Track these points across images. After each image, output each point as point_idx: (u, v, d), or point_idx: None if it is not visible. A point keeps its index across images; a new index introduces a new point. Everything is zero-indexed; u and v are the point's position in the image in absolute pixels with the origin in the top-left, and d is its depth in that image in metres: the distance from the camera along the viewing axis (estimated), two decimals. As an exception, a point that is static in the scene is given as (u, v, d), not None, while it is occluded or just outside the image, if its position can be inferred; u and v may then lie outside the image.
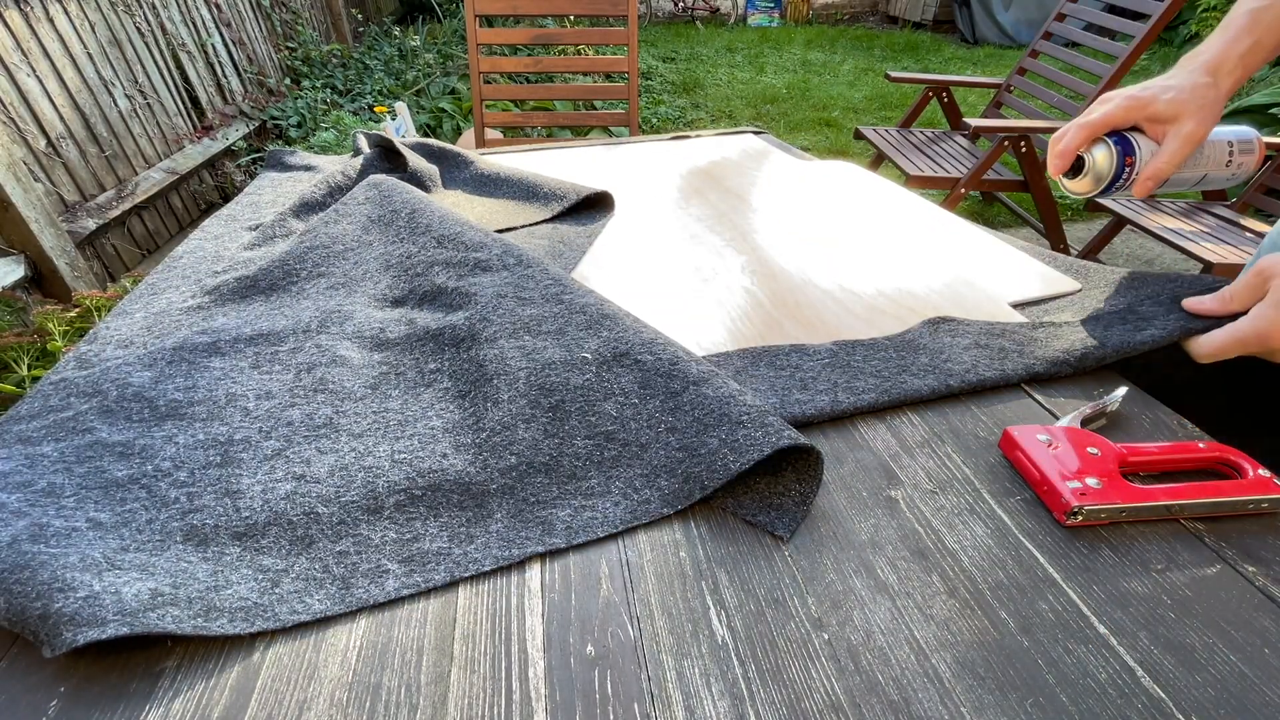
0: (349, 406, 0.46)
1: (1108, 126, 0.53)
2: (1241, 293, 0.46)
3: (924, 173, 2.09)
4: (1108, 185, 0.53)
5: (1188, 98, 0.51)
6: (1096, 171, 0.53)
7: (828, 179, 0.89)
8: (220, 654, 0.32)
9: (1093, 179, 0.54)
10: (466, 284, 0.57)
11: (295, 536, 0.37)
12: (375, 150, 0.85)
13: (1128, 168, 0.52)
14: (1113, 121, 0.53)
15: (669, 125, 3.64)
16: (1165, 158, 0.51)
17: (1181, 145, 0.51)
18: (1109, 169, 0.53)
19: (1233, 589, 0.35)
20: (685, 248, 0.71)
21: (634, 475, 0.41)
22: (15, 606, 0.30)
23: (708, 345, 0.54)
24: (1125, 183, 0.53)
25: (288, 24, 3.42)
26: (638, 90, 1.71)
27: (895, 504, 0.40)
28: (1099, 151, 0.53)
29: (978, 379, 0.49)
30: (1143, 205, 1.89)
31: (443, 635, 0.33)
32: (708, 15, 6.08)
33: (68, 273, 1.91)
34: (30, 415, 0.44)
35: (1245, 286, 0.46)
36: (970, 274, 0.64)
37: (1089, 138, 0.53)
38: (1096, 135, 0.53)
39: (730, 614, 0.34)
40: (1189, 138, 0.51)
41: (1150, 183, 0.53)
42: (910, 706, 0.30)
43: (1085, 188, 0.55)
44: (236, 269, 0.63)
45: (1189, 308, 0.49)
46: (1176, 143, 0.51)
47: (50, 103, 1.98)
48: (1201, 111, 0.51)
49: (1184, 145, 0.51)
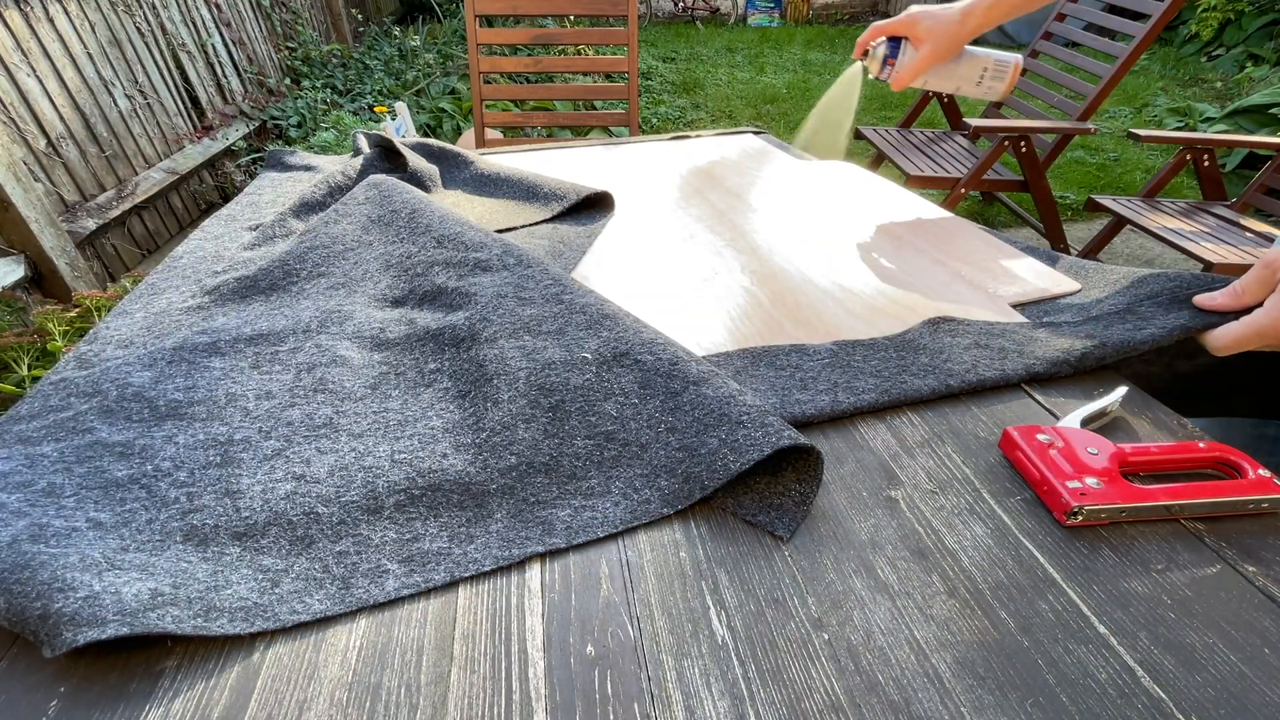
0: (349, 406, 0.46)
1: (889, 31, 0.73)
2: (1253, 286, 0.47)
3: (924, 173, 2.09)
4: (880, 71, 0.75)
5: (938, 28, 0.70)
6: (876, 60, 0.75)
7: (828, 179, 0.89)
8: (220, 654, 0.32)
9: (875, 65, 0.75)
10: (466, 284, 0.57)
11: (295, 536, 0.37)
12: (375, 150, 0.85)
13: (889, 66, 0.74)
14: (890, 29, 0.73)
15: (669, 125, 3.64)
16: (909, 66, 0.73)
17: (919, 62, 0.72)
18: (880, 61, 0.75)
19: (1233, 589, 0.35)
20: (685, 248, 0.71)
21: (634, 475, 0.41)
22: (15, 606, 0.30)
23: (708, 345, 0.54)
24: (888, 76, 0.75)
25: (288, 24, 3.42)
26: (638, 90, 1.71)
27: (895, 504, 0.40)
28: (880, 48, 0.74)
29: (978, 379, 0.49)
30: (1143, 205, 1.89)
31: (443, 635, 0.33)
32: (708, 15, 6.08)
33: (68, 273, 1.91)
34: (30, 415, 0.44)
35: (1256, 280, 0.47)
36: (970, 274, 0.64)
37: (873, 36, 0.75)
38: (881, 35, 0.74)
39: (730, 614, 0.34)
40: (925, 58, 0.71)
41: (900, 81, 0.74)
42: (910, 706, 0.30)
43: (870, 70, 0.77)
44: (236, 269, 0.63)
45: (1200, 304, 0.50)
46: (918, 58, 0.72)
47: (50, 103, 1.98)
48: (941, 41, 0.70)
49: (921, 63, 0.72)
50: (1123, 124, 3.55)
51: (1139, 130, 1.88)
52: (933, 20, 0.69)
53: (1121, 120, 3.61)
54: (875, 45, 0.74)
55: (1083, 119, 2.08)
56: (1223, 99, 3.65)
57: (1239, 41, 4.16)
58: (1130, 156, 3.18)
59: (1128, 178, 2.98)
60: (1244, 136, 2.14)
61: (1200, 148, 1.89)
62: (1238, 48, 4.14)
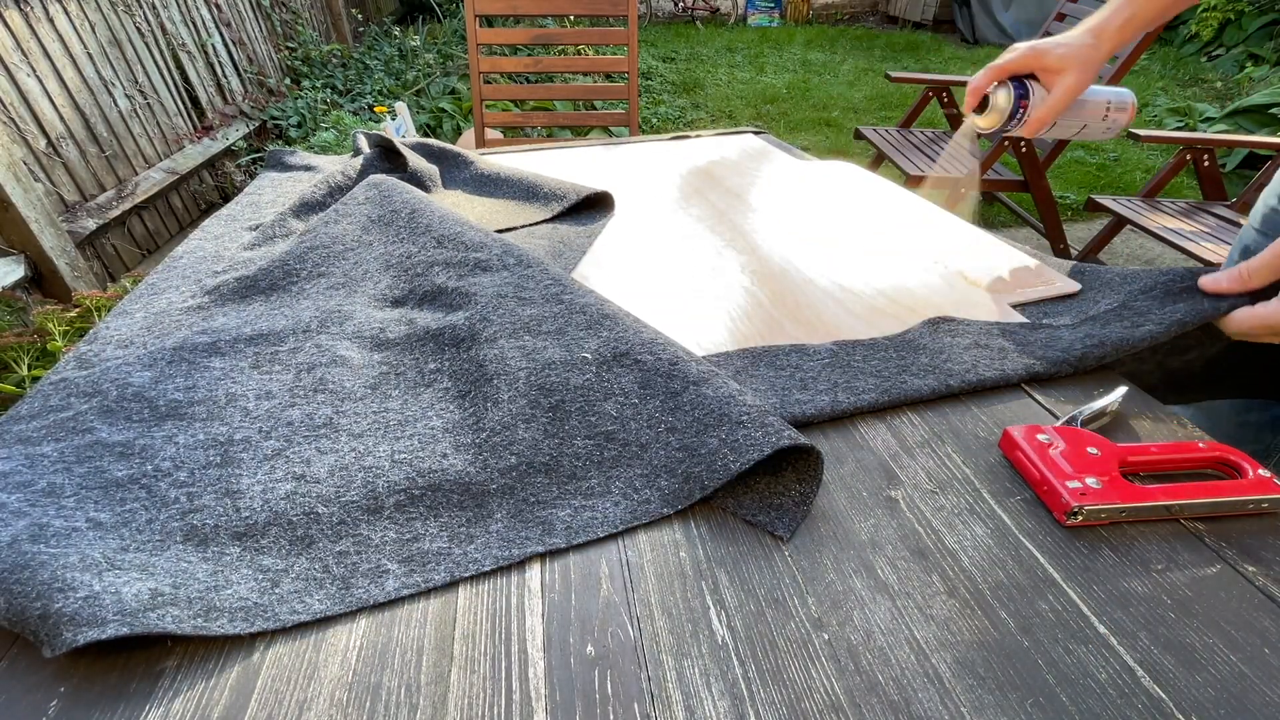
0: (349, 406, 0.46)
1: (1010, 72, 0.62)
2: (1261, 270, 0.47)
3: (924, 173, 2.09)
4: (1006, 122, 0.62)
5: (1074, 54, 0.60)
6: (999, 109, 0.62)
7: (828, 179, 0.89)
8: (220, 654, 0.32)
9: (995, 115, 0.63)
10: (466, 284, 0.57)
11: (295, 536, 0.37)
12: (375, 150, 0.85)
13: (1021, 109, 0.61)
14: (1014, 68, 0.62)
15: (669, 125, 3.64)
16: (1050, 104, 0.61)
17: (1064, 95, 0.60)
18: (1007, 108, 0.61)
19: (1233, 589, 0.35)
20: (685, 248, 0.71)
21: (634, 475, 0.41)
22: (15, 606, 0.30)
23: (708, 345, 0.54)
24: (1019, 122, 0.62)
25: (288, 24, 3.42)
26: (638, 90, 1.71)
27: (895, 504, 0.40)
28: (1001, 92, 0.62)
29: (978, 379, 0.49)
30: (1143, 205, 1.89)
31: (443, 635, 0.33)
32: (708, 15, 6.08)
33: (68, 273, 1.91)
34: (30, 415, 0.44)
35: (1265, 265, 0.46)
36: (970, 274, 0.64)
37: (994, 79, 0.62)
38: (1001, 78, 0.62)
39: (730, 614, 0.34)
40: (1070, 89, 0.60)
41: (1037, 125, 0.62)
42: (910, 706, 0.30)
43: (990, 123, 0.63)
44: (236, 269, 0.63)
45: (1205, 286, 0.50)
46: (1060, 92, 0.60)
47: (50, 103, 1.98)
48: (1082, 67, 0.60)
49: (1066, 95, 0.60)
50: (1123, 124, 3.55)
51: (1139, 130, 1.88)
52: (1065, 49, 0.61)
53: (1121, 120, 3.61)
54: (997, 91, 0.62)
55: (1083, 119, 2.07)
56: (1223, 99, 3.65)
57: (1239, 41, 4.16)
58: (1130, 156, 3.18)
59: (1128, 178, 2.98)
60: (1244, 136, 2.14)
61: (1200, 148, 1.89)
62: (1238, 48, 4.14)
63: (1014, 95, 0.61)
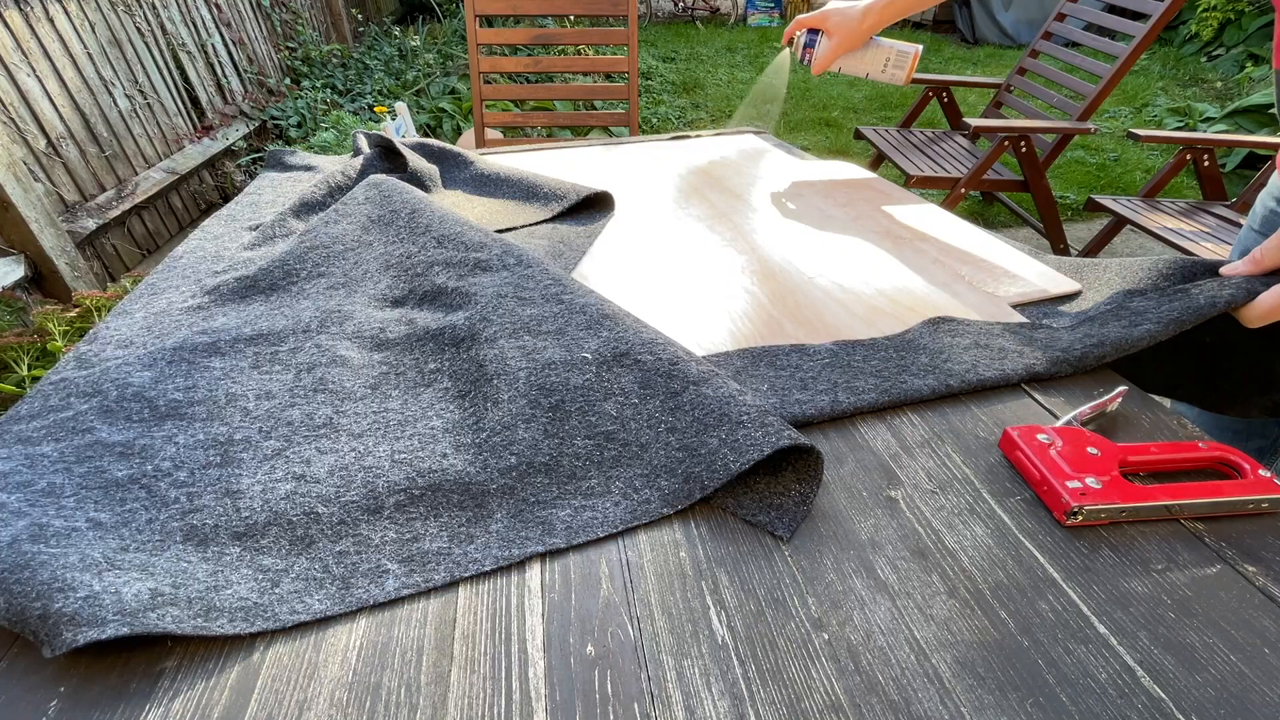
0: (349, 406, 0.46)
1: (808, 24, 0.86)
2: (1272, 252, 0.48)
3: (924, 173, 2.09)
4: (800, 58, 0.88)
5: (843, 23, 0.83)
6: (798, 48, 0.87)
7: (827, 179, 0.89)
8: (220, 654, 0.32)
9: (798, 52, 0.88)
10: (466, 284, 0.57)
11: (295, 536, 0.37)
12: (375, 150, 0.85)
13: (808, 53, 0.87)
14: (810, 21, 0.86)
15: (669, 125, 3.64)
16: (820, 56, 0.85)
17: (830, 51, 0.84)
18: (801, 49, 0.87)
19: (1233, 589, 0.35)
20: (685, 248, 0.71)
21: (634, 475, 0.41)
22: (15, 606, 0.30)
23: (708, 345, 0.54)
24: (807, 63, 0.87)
25: (288, 24, 3.42)
26: (638, 90, 1.71)
27: (895, 504, 0.40)
28: (800, 37, 0.87)
29: (978, 379, 0.49)
30: (1143, 205, 1.89)
31: (443, 635, 0.33)
32: (708, 15, 6.08)
33: (68, 273, 1.91)
34: (30, 415, 0.44)
35: (1276, 247, 0.48)
36: (970, 274, 0.64)
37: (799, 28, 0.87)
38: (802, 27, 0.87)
39: (730, 614, 0.34)
40: (834, 48, 0.84)
41: (817, 66, 0.86)
42: (910, 706, 0.30)
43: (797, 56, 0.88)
44: (236, 269, 0.63)
45: (1225, 273, 0.51)
46: (828, 48, 0.85)
47: (50, 103, 1.98)
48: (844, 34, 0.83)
49: (831, 52, 0.84)
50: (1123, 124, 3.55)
51: (1139, 130, 1.88)
52: (840, 16, 0.83)
53: (1121, 120, 3.61)
54: (798, 35, 0.87)
55: (1083, 119, 2.08)
56: (1223, 99, 3.65)
57: (1239, 41, 4.16)
58: (1130, 156, 3.18)
59: (1128, 178, 2.98)
60: (1244, 136, 2.14)
61: (1200, 148, 1.89)
62: (1238, 48, 4.14)
63: (804, 41, 0.87)
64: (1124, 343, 0.49)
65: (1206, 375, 0.55)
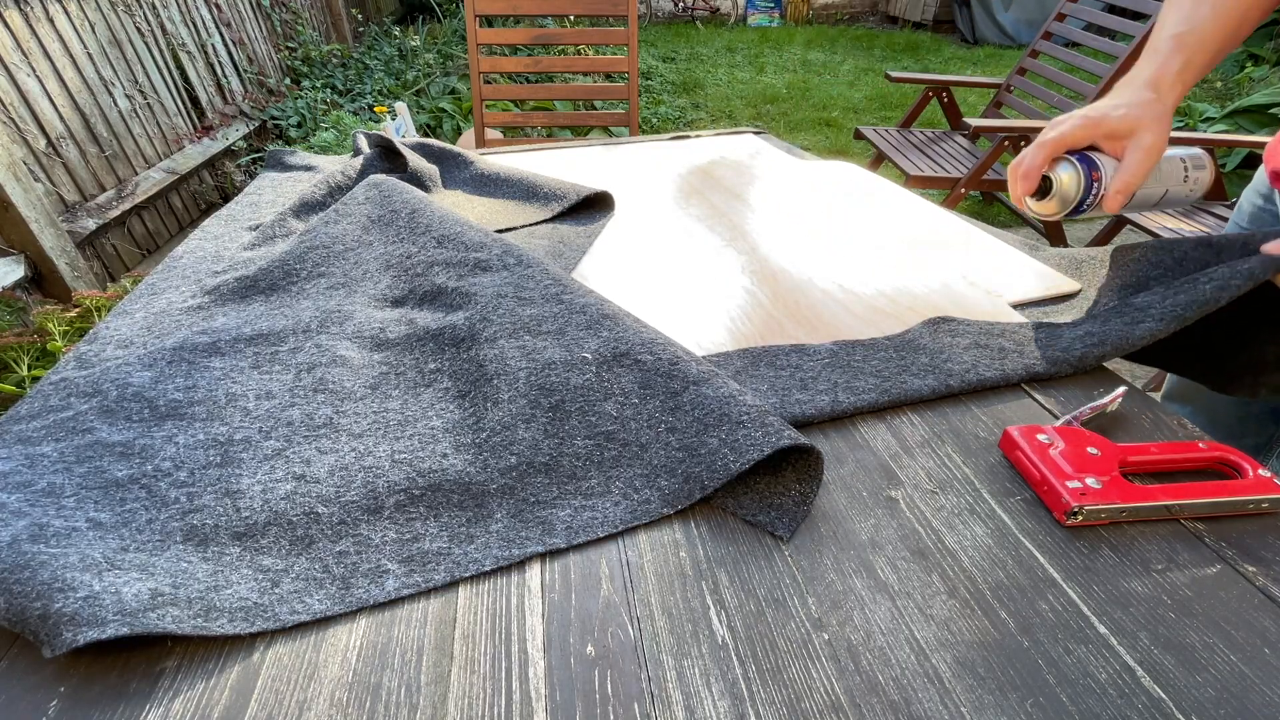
0: (349, 406, 0.46)
1: (1066, 146, 0.52)
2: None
3: (924, 173, 2.09)
4: (1077, 204, 0.52)
5: (1140, 112, 0.51)
6: (1063, 191, 0.52)
7: (828, 179, 0.89)
8: (220, 654, 0.32)
9: (1059, 200, 0.52)
10: (466, 284, 0.57)
11: (295, 536, 0.37)
12: (375, 150, 0.85)
13: (1095, 183, 0.51)
14: (1070, 141, 0.52)
15: (669, 125, 3.64)
16: (1131, 169, 0.51)
17: (1144, 156, 0.50)
18: (1076, 187, 0.51)
19: (1233, 589, 0.35)
20: (685, 248, 0.71)
21: (634, 475, 0.41)
22: (15, 606, 0.30)
23: (708, 345, 0.54)
24: (1094, 200, 0.51)
25: (288, 24, 3.42)
26: (638, 90, 1.71)
27: (895, 504, 0.40)
28: (1064, 171, 0.52)
29: (978, 379, 0.49)
30: (1143, 205, 1.89)
31: (443, 635, 0.33)
32: (708, 15, 6.08)
33: (68, 273, 1.91)
34: (30, 415, 0.44)
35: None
36: (970, 274, 0.64)
37: (1050, 157, 0.52)
38: (1056, 155, 0.52)
39: (730, 614, 0.34)
40: (1150, 149, 0.50)
41: (1121, 195, 0.51)
42: (910, 706, 0.30)
43: (1053, 209, 0.53)
44: (236, 269, 0.63)
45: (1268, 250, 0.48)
46: (1139, 154, 0.50)
47: (50, 103, 1.98)
48: (1156, 123, 0.51)
49: (1147, 156, 0.50)
50: (1123, 124, 3.55)
51: (1139, 130, 1.87)
52: (1126, 108, 0.51)
53: (1121, 120, 3.61)
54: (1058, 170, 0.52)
55: (1083, 119, 2.07)
56: (1223, 99, 3.65)
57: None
58: (1130, 156, 3.17)
59: (1128, 178, 2.97)
60: (1244, 136, 2.14)
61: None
62: (1237, 48, 4.14)
63: (1083, 171, 0.51)
64: (1125, 342, 0.49)
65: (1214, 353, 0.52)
